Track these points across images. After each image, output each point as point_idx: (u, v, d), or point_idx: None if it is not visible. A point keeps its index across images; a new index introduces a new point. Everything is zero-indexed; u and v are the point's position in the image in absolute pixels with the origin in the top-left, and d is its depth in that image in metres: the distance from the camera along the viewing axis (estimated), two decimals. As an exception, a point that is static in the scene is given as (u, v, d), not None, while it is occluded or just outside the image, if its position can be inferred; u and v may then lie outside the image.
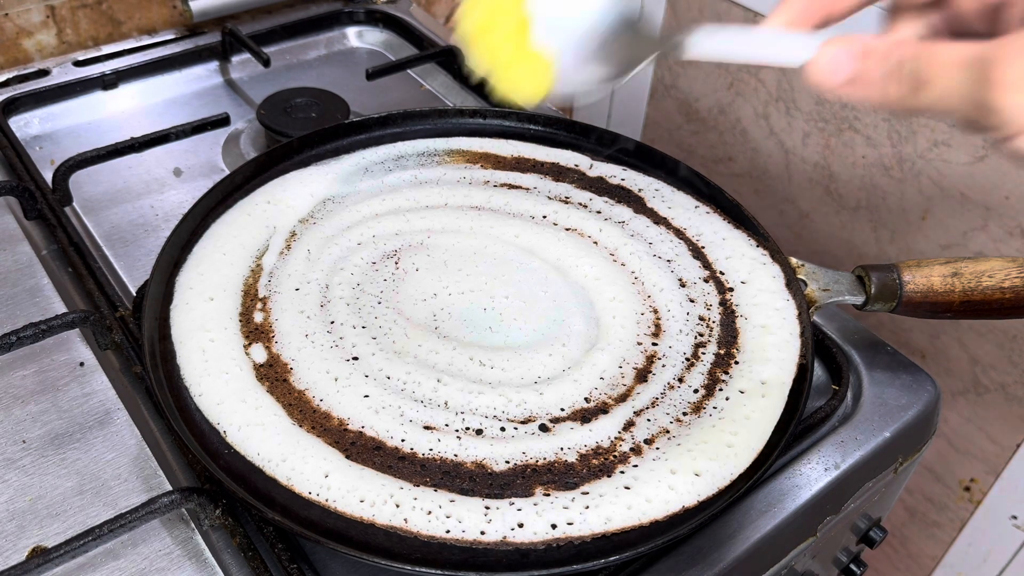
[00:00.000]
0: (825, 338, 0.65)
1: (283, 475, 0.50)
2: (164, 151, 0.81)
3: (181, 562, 0.52)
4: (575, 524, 0.48)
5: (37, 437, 0.58)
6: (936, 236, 0.99)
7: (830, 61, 0.36)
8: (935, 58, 0.33)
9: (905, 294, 0.61)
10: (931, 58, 0.33)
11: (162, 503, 0.50)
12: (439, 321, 0.60)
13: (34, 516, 0.53)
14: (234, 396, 0.54)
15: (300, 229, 0.67)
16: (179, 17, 0.99)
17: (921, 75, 0.33)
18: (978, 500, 1.09)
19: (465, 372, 0.57)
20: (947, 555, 1.17)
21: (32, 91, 0.85)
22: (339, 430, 0.53)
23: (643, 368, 0.58)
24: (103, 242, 0.73)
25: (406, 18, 1.00)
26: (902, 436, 0.62)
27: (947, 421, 1.07)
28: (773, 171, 1.17)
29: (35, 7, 0.90)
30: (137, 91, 0.89)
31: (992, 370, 1.01)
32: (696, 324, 0.61)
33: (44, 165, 0.79)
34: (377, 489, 0.49)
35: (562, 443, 0.53)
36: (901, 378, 0.65)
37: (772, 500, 0.56)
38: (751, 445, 0.53)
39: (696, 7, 1.19)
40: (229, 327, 0.58)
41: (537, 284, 0.63)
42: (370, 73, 0.88)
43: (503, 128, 0.78)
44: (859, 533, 0.68)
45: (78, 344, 0.64)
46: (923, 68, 0.33)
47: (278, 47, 0.97)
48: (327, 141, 0.75)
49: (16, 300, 0.66)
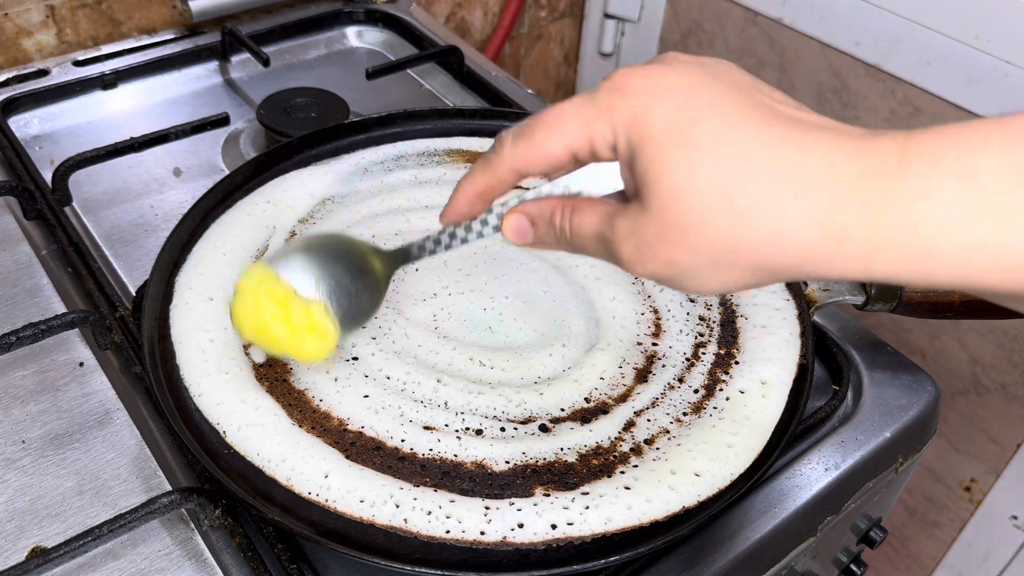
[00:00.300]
0: (825, 338, 0.65)
1: (283, 475, 0.50)
2: (164, 151, 0.81)
3: (181, 562, 0.52)
4: (575, 524, 0.48)
5: (37, 437, 0.57)
6: (936, 236, 0.99)
7: (514, 228, 0.42)
8: (576, 233, 0.40)
9: (905, 294, 0.61)
10: (574, 232, 0.40)
11: (162, 503, 0.50)
12: (439, 321, 0.60)
13: (34, 516, 0.53)
14: (234, 396, 0.54)
15: (300, 229, 0.67)
16: (179, 17, 0.99)
17: (574, 243, 0.40)
18: (978, 500, 1.09)
19: (465, 372, 0.57)
20: (947, 555, 1.17)
21: (32, 91, 0.85)
22: (339, 430, 0.53)
23: (643, 368, 0.58)
24: (103, 242, 0.73)
25: (406, 18, 1.00)
26: (902, 436, 0.62)
27: (947, 421, 1.07)
28: (773, 171, 1.17)
29: (35, 7, 0.90)
30: (137, 91, 0.89)
31: (992, 370, 1.01)
32: (696, 324, 0.61)
33: (44, 165, 0.79)
34: (377, 489, 0.49)
35: (562, 443, 0.53)
36: (901, 378, 0.65)
37: (772, 500, 0.56)
38: (751, 445, 0.53)
39: (696, 7, 1.19)
40: (229, 327, 0.58)
41: (537, 284, 0.63)
42: (370, 73, 0.88)
43: (503, 128, 0.77)
44: (859, 533, 0.68)
45: (78, 344, 0.64)
46: (572, 240, 0.40)
47: (278, 47, 0.96)
48: (327, 141, 0.74)
49: (16, 300, 0.66)
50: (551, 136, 0.38)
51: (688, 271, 0.36)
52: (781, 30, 1.09)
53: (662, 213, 0.35)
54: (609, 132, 0.37)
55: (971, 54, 0.91)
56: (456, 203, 0.43)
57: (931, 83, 0.96)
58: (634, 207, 0.37)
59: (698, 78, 0.36)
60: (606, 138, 0.37)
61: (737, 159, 0.34)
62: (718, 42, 1.18)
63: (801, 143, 0.33)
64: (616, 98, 0.36)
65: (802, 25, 1.06)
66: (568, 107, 0.38)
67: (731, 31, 1.15)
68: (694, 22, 1.20)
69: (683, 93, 0.35)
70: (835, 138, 0.33)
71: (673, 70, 0.36)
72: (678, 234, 0.35)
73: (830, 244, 0.33)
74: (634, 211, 0.36)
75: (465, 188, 0.42)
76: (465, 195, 0.42)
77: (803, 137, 0.34)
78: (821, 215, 0.33)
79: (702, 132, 0.34)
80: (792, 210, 0.33)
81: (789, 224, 0.33)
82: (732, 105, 0.35)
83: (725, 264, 0.35)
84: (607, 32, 1.31)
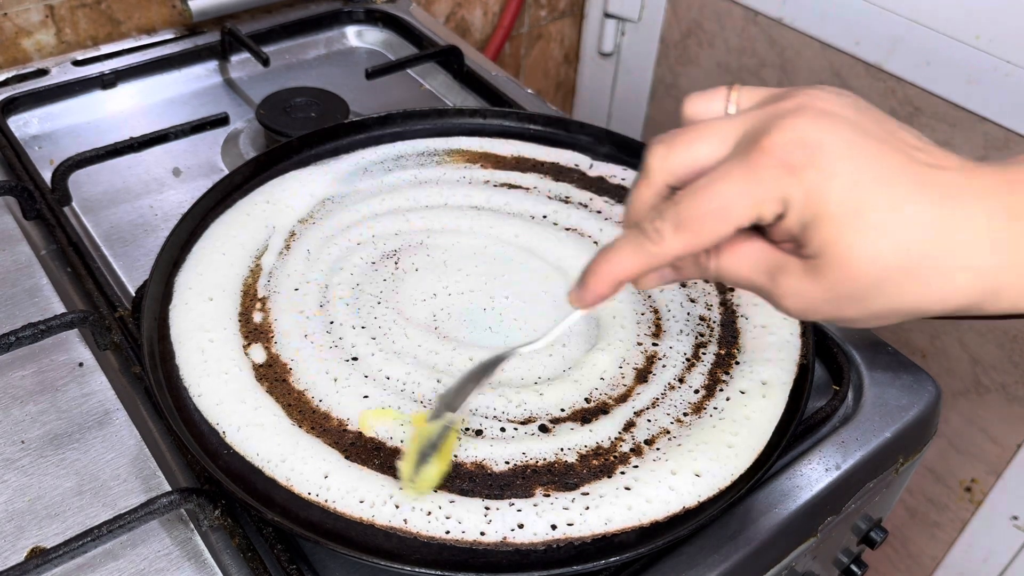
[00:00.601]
0: (826, 338, 0.65)
1: (282, 475, 0.50)
2: (163, 151, 0.81)
3: (180, 563, 0.52)
4: (575, 525, 0.48)
5: (36, 437, 0.57)
6: (937, 236, 0.99)
7: None
8: (725, 274, 0.41)
9: (906, 294, 0.60)
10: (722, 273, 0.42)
11: (161, 504, 0.50)
12: (439, 321, 0.60)
13: (33, 516, 0.53)
14: (233, 396, 0.54)
15: (299, 229, 0.67)
16: (178, 17, 0.98)
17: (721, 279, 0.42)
18: (979, 500, 1.09)
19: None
20: (948, 555, 1.16)
21: (31, 91, 0.85)
22: (338, 430, 0.53)
23: (643, 368, 0.58)
24: (102, 242, 0.73)
25: (406, 18, 1.00)
26: (903, 436, 0.62)
27: (948, 421, 1.07)
28: (773, 171, 1.17)
29: (34, 7, 0.90)
30: (136, 91, 0.89)
31: (993, 370, 1.01)
32: (697, 324, 0.61)
33: (43, 165, 0.79)
34: (377, 489, 0.49)
35: (562, 444, 0.52)
36: (902, 378, 0.65)
37: (773, 501, 0.56)
38: (752, 445, 0.53)
39: (696, 6, 1.19)
40: (228, 327, 0.58)
41: (537, 284, 0.63)
42: (370, 73, 0.88)
43: (503, 128, 0.78)
44: (860, 534, 0.68)
45: (77, 344, 0.64)
46: (719, 277, 0.42)
47: (278, 46, 0.96)
48: (327, 141, 0.74)
49: (15, 300, 0.66)
50: (720, 225, 0.38)
51: (847, 322, 0.40)
52: (781, 30, 1.09)
53: (835, 285, 0.38)
54: (779, 208, 0.38)
55: (971, 54, 0.91)
56: (597, 288, 0.42)
57: (931, 83, 0.96)
58: (802, 269, 0.39)
59: (849, 135, 0.37)
60: (775, 213, 0.38)
61: (909, 239, 0.36)
62: (718, 42, 1.18)
63: (955, 204, 0.37)
64: (784, 177, 0.37)
65: (802, 25, 1.06)
66: (730, 189, 0.38)
67: (731, 31, 1.15)
68: (694, 22, 1.20)
69: (847, 163, 0.37)
70: (979, 187, 0.37)
71: (825, 131, 0.37)
72: (848, 302, 0.38)
73: (987, 297, 0.38)
74: (801, 273, 0.39)
75: (611, 273, 0.42)
76: (610, 281, 0.42)
77: (955, 196, 0.37)
78: (983, 281, 0.37)
79: (874, 211, 0.36)
80: (960, 281, 0.37)
81: (956, 292, 0.37)
82: (891, 171, 0.37)
83: (887, 318, 0.39)
84: (607, 32, 1.31)
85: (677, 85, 1.27)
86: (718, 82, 1.20)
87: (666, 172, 0.40)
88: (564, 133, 0.77)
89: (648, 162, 0.41)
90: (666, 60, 1.27)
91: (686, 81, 1.26)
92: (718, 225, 0.38)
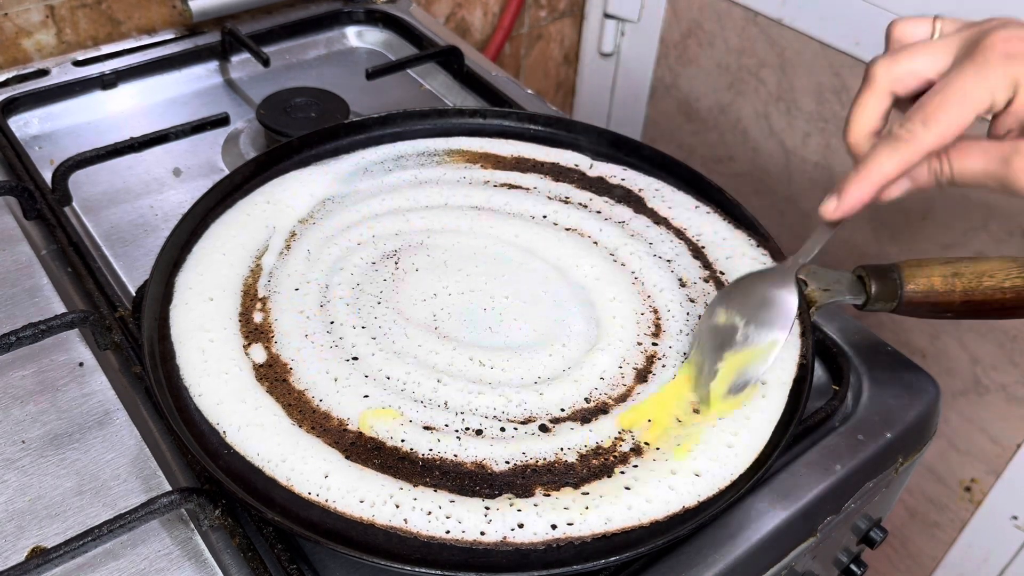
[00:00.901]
0: (825, 338, 0.65)
1: (283, 475, 0.50)
2: (163, 151, 0.81)
3: (180, 562, 0.52)
4: (575, 524, 0.48)
5: (36, 437, 0.57)
6: (937, 236, 0.99)
7: None
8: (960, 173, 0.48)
9: (906, 294, 0.60)
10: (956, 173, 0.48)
11: (161, 503, 0.50)
12: (439, 321, 0.60)
13: (33, 516, 0.53)
14: (233, 396, 0.54)
15: (300, 229, 0.67)
16: (179, 17, 0.98)
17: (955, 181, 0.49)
18: (978, 500, 1.09)
19: (465, 372, 0.57)
20: (947, 555, 1.16)
21: (31, 91, 0.85)
22: (339, 430, 0.53)
23: (643, 368, 0.58)
24: (102, 242, 0.73)
25: (406, 18, 1.00)
26: (902, 436, 0.62)
27: (947, 421, 1.07)
28: (773, 171, 1.17)
29: (34, 7, 0.90)
30: (136, 91, 0.89)
31: (992, 370, 1.01)
32: (697, 324, 0.61)
33: (43, 165, 0.79)
34: (377, 489, 0.49)
35: (562, 443, 0.53)
36: (901, 378, 0.65)
37: (772, 500, 0.56)
38: (751, 445, 0.53)
39: (696, 7, 1.19)
40: (229, 327, 0.58)
41: (537, 284, 0.63)
42: (370, 73, 0.88)
43: (503, 128, 0.78)
44: (859, 533, 0.68)
45: (77, 344, 0.64)
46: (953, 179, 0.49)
47: (278, 47, 0.96)
48: (327, 141, 0.74)
49: (15, 300, 0.66)
50: (963, 113, 0.45)
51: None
52: (781, 30, 1.09)
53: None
54: (1009, 92, 0.45)
55: (971, 54, 0.91)
56: (861, 193, 0.48)
57: (931, 83, 0.96)
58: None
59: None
60: (1006, 97, 0.45)
61: None
62: (718, 42, 1.18)
63: None
64: (1010, 64, 0.44)
65: (802, 25, 1.06)
66: (966, 82, 0.45)
67: (731, 31, 1.15)
68: (694, 22, 1.20)
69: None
70: None
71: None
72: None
73: None
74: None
75: (872, 176, 0.47)
76: (874, 184, 0.47)
77: None
78: None
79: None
80: None
81: None
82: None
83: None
84: (607, 32, 1.31)
85: (677, 85, 1.27)
86: (718, 82, 1.20)
87: (891, 79, 0.47)
88: (564, 133, 0.77)
89: (873, 72, 0.48)
90: (666, 60, 1.27)
91: (686, 81, 1.26)
92: (961, 113, 0.44)
